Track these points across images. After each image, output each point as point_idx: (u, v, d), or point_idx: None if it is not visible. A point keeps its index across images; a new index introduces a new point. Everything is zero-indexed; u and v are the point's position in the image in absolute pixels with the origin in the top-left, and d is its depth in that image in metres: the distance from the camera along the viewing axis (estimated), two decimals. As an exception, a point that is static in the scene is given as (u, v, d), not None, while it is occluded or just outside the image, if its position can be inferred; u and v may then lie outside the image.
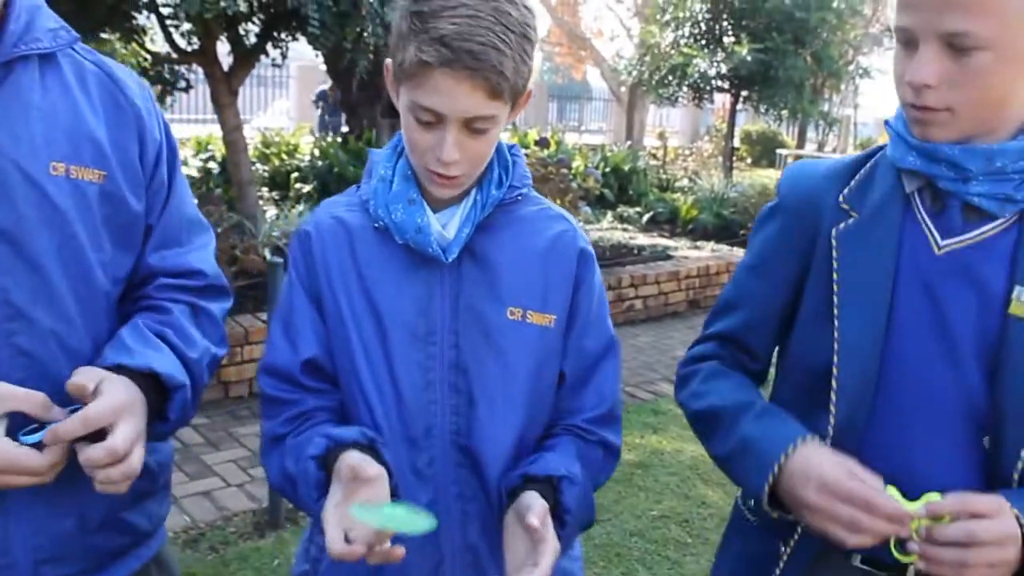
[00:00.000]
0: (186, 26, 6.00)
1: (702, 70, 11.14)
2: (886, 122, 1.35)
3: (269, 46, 6.23)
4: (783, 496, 1.26)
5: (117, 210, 1.28)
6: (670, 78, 11.78)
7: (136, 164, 1.31)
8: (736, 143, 16.93)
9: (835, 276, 1.32)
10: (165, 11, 5.73)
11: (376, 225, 1.35)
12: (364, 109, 8.77)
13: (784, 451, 1.25)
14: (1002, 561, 1.14)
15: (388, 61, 1.30)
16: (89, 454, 1.14)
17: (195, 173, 8.70)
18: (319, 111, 16.13)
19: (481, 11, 1.19)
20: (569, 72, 28.88)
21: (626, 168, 11.44)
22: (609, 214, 9.97)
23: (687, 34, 11.51)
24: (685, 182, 12.46)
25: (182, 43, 6.21)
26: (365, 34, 5.82)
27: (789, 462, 1.24)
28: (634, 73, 13.27)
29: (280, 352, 1.38)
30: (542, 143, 8.10)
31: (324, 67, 9.73)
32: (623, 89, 19.66)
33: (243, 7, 5.28)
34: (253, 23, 6.20)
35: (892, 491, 1.18)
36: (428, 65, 1.19)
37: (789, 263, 1.40)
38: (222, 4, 4.62)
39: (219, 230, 5.45)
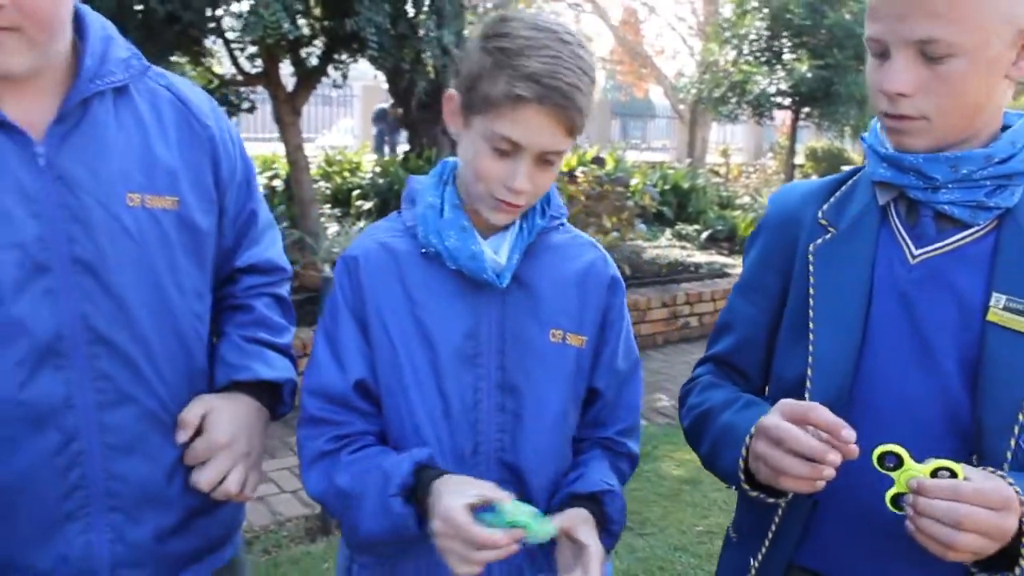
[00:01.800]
0: (250, 49, 6.20)
1: (762, 87, 11.09)
2: (861, 137, 1.36)
3: (330, 68, 6.40)
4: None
5: (189, 231, 1.37)
6: (729, 95, 11.75)
7: (208, 185, 1.40)
8: (800, 160, 16.76)
9: (811, 291, 1.33)
10: (230, 35, 5.95)
11: (424, 251, 1.40)
12: (425, 128, 8.93)
13: (748, 431, 1.25)
14: (996, 527, 1.07)
15: (451, 91, 1.38)
16: (192, 481, 1.36)
17: (260, 190, 8.92)
18: (376, 129, 16.44)
19: (562, 53, 1.28)
20: (631, 90, 28.86)
21: (685, 186, 11.42)
22: (667, 232, 9.97)
23: (747, 51, 11.48)
24: (747, 199, 12.38)
25: (247, 66, 6.42)
26: (423, 56, 5.97)
27: (756, 431, 1.22)
28: (694, 91, 13.26)
29: (328, 373, 1.41)
30: (598, 161, 8.15)
31: (387, 87, 9.94)
32: (682, 107, 19.60)
33: (305, 31, 5.45)
34: (314, 46, 6.38)
35: (897, 449, 1.13)
36: (522, 99, 1.26)
37: (772, 282, 1.44)
38: (284, 28, 4.77)
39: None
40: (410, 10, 5.85)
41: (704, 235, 9.90)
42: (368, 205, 8.70)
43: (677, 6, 34.30)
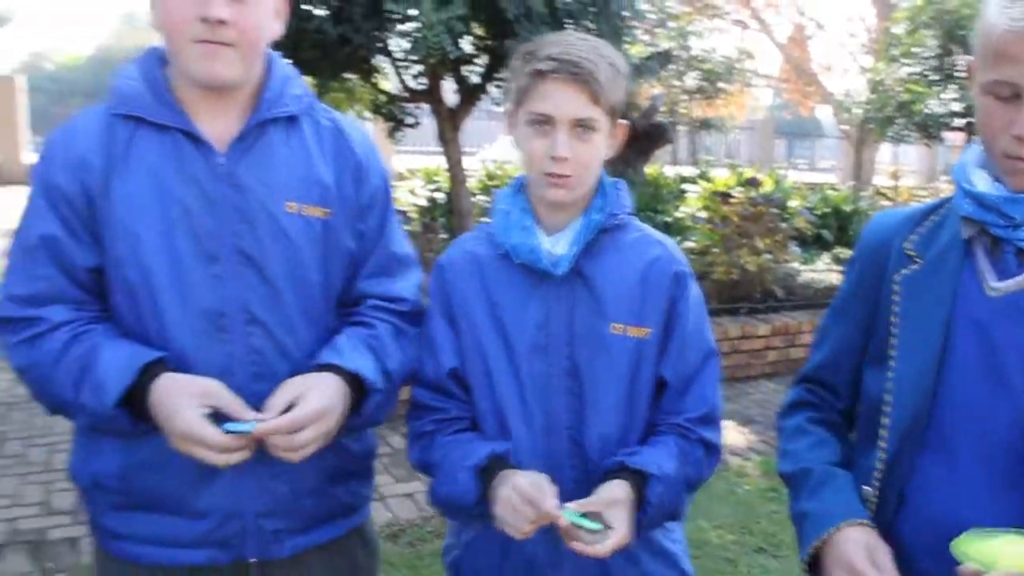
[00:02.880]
0: (415, 68, 6.50)
1: (931, 108, 10.65)
2: (953, 169, 1.39)
3: (491, 85, 6.62)
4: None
5: (335, 241, 1.58)
6: (896, 116, 11.33)
7: (354, 204, 1.61)
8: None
9: (893, 319, 1.39)
10: (397, 55, 6.27)
11: (500, 251, 1.61)
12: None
13: (819, 535, 1.35)
14: None
15: (507, 108, 1.62)
16: (276, 442, 1.45)
17: (423, 202, 9.28)
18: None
19: (576, 43, 1.53)
20: (797, 108, 28.17)
21: (847, 208, 11.10)
22: (826, 255, 9.72)
23: (918, 69, 11.05)
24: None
25: (412, 83, 6.73)
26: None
27: (831, 539, 1.33)
28: (859, 111, 12.85)
29: (428, 366, 1.67)
30: (752, 182, 8.04)
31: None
32: (848, 128, 18.99)
33: (467, 51, 5.68)
34: (476, 64, 6.62)
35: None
36: (539, 74, 1.50)
37: (860, 308, 1.49)
38: (446, 49, 5.00)
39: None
40: (571, 29, 6.00)
41: (864, 259, 9.56)
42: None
43: (848, 23, 33.19)
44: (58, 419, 4.22)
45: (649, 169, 10.94)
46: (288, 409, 1.43)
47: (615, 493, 1.47)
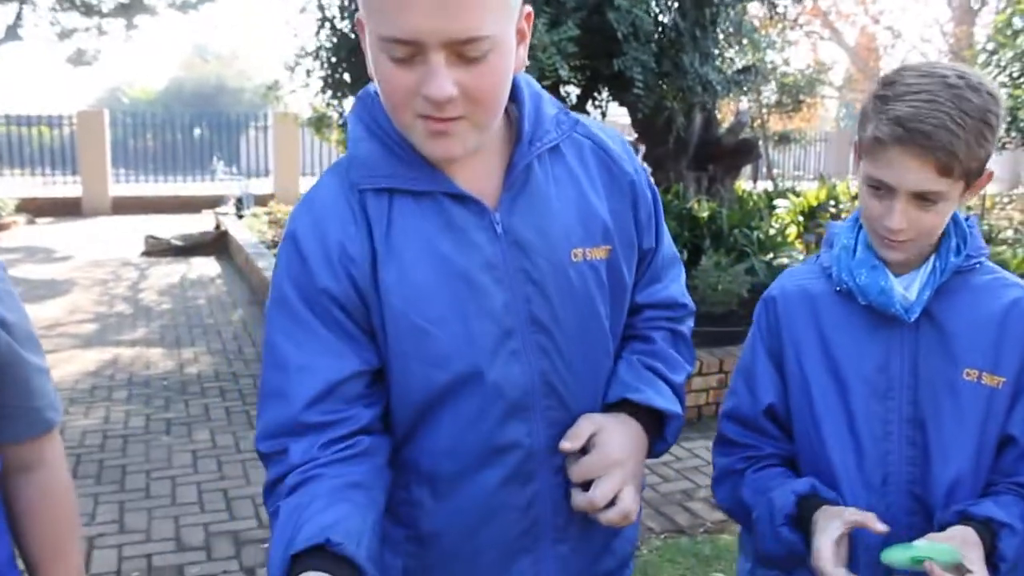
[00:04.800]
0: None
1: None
2: None
3: (589, 105, 6.57)
4: None
5: (617, 276, 1.40)
6: (994, 123, 10.99)
7: (631, 230, 1.41)
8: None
9: None
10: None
11: (838, 289, 1.49)
12: (671, 163, 8.93)
13: None
14: None
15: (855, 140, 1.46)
16: (576, 502, 1.31)
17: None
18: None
19: (940, 96, 1.31)
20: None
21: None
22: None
23: (1017, 73, 10.72)
24: (1009, 233, 11.52)
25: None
26: (682, 92, 6.02)
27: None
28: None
29: (742, 400, 1.59)
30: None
31: (623, 121, 10.03)
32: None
33: (563, 73, 5.63)
34: (573, 83, 6.58)
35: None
36: (882, 142, 1.34)
37: None
38: (559, 72, 4.95)
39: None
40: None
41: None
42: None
43: (925, 28, 32.55)
44: (177, 451, 4.17)
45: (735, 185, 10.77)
46: (588, 444, 1.32)
47: (967, 535, 1.33)
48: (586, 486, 1.31)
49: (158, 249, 12.72)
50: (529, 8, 1.26)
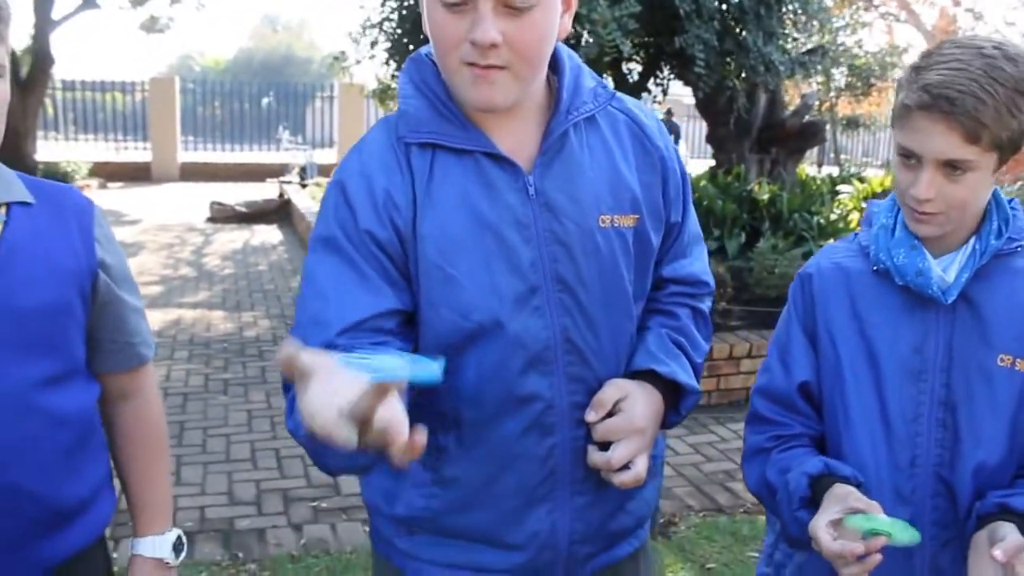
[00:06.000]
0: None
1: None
2: None
3: (651, 83, 6.54)
4: None
5: (643, 244, 1.46)
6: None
7: (659, 203, 1.48)
8: None
9: None
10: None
11: (875, 268, 1.47)
12: (732, 144, 8.85)
13: None
14: None
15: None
16: (593, 459, 1.38)
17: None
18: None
19: (972, 65, 1.29)
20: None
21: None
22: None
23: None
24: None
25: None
26: (744, 72, 5.96)
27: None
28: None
29: (776, 377, 1.56)
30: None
31: (688, 100, 9.96)
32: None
33: (624, 50, 5.62)
34: (635, 62, 6.55)
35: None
36: (908, 108, 1.33)
37: None
38: (620, 48, 4.94)
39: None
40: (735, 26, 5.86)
41: None
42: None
43: (1009, 11, 31.51)
44: (233, 411, 4.27)
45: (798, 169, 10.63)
46: (614, 408, 1.38)
47: (1008, 532, 1.30)
48: (604, 446, 1.37)
49: (223, 215, 12.99)
50: None
